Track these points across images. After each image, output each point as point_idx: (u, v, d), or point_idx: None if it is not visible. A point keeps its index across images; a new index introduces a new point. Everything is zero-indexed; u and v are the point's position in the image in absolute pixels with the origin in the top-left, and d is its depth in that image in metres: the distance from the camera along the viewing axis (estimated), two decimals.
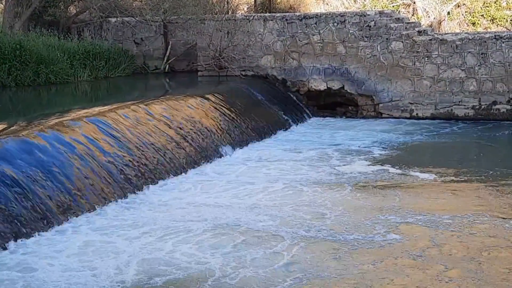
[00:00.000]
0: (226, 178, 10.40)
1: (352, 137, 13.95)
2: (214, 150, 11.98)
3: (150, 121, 11.35)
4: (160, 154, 10.60)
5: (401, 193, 9.33)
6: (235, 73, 16.95)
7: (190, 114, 12.48)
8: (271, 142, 13.57)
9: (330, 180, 10.16)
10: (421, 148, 12.99)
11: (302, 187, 9.66)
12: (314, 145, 13.08)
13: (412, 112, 16.01)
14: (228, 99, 14.19)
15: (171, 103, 12.54)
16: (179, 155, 10.98)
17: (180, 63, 18.91)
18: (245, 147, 12.82)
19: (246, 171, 10.82)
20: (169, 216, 8.34)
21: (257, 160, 11.77)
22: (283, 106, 15.94)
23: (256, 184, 9.88)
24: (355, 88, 16.33)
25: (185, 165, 10.86)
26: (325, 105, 16.85)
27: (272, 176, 10.47)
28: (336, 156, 12.00)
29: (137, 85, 17.05)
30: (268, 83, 16.74)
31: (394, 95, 16.07)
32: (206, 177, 10.46)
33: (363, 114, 16.41)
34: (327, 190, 9.46)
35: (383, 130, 14.70)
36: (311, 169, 10.85)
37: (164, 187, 9.79)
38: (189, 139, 11.63)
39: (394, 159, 11.68)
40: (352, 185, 9.79)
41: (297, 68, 16.71)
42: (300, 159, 11.72)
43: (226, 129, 12.91)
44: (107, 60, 17.50)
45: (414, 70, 15.85)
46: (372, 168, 10.89)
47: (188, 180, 10.30)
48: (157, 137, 10.98)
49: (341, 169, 10.86)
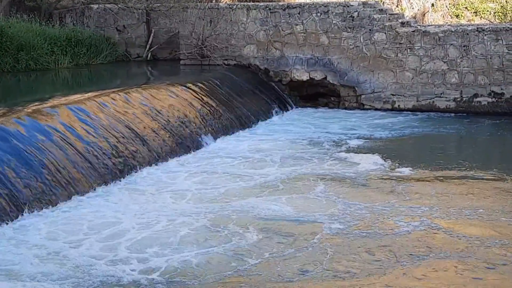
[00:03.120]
0: (197, 169, 10.32)
1: (332, 129, 13.93)
2: (194, 140, 11.91)
3: (129, 110, 11.28)
4: (138, 143, 10.55)
5: (372, 189, 9.24)
6: (217, 62, 16.86)
7: (171, 103, 12.41)
8: (251, 132, 13.51)
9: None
10: (401, 140, 12.94)
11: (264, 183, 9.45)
12: (293, 136, 13.07)
13: (394, 104, 15.99)
14: (210, 89, 14.14)
15: (151, 91, 12.48)
16: (157, 146, 10.93)
17: (163, 51, 18.79)
18: (226, 137, 12.79)
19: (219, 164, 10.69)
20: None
21: (234, 152, 11.66)
22: (266, 96, 15.91)
23: (216, 184, 9.62)
24: (337, 79, 16.29)
25: (164, 155, 10.82)
26: (308, 96, 16.84)
27: (242, 170, 10.31)
28: (312, 150, 11.88)
29: (118, 73, 16.97)
30: (251, 73, 16.66)
31: (376, 87, 16.05)
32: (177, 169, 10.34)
33: (345, 105, 16.35)
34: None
35: (364, 122, 14.70)
36: (280, 167, 10.65)
37: (142, 178, 9.77)
38: (169, 128, 11.55)
39: (371, 152, 11.64)
40: (323, 180, 9.68)
41: (280, 58, 16.65)
42: (276, 152, 11.60)
43: (207, 119, 12.85)
44: (89, 47, 17.33)
45: (397, 62, 15.84)
46: (349, 161, 10.82)
47: (165, 170, 10.28)
48: (136, 126, 10.93)
49: (314, 166, 10.66)
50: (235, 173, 10.10)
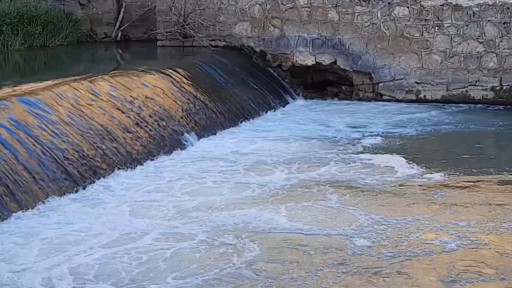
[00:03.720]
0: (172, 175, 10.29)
1: (344, 125, 13.90)
2: (175, 139, 11.87)
3: (95, 102, 11.27)
4: (106, 142, 10.53)
5: (399, 198, 9.22)
6: (202, 43, 16.79)
7: (146, 94, 12.39)
8: (244, 129, 13.50)
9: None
10: (429, 138, 12.94)
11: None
12: (296, 133, 13.08)
13: (419, 94, 16.00)
14: (193, 76, 14.10)
15: (122, 79, 12.46)
16: (129, 145, 10.89)
17: (136, 30, 18.82)
18: (213, 135, 12.80)
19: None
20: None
21: (223, 153, 11.64)
22: (262, 85, 15.91)
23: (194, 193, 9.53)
24: (349, 64, 16.26)
25: (137, 158, 10.78)
26: (314, 84, 16.84)
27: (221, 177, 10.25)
28: (320, 151, 11.84)
29: (81, 57, 16.92)
30: (244, 56, 16.68)
31: (397, 73, 16.03)
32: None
33: (359, 95, 16.37)
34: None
35: (383, 116, 14.76)
36: (282, 172, 10.54)
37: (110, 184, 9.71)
38: (144, 125, 11.51)
39: (392, 153, 11.64)
40: (337, 188, 9.61)
41: (280, 38, 16.62)
42: (274, 156, 11.50)
43: (191, 113, 12.82)
44: (45, 26, 17.33)
45: (422, 42, 15.81)
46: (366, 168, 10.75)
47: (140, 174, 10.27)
48: (103, 122, 10.90)
49: (325, 170, 10.58)
50: (225, 180, 10.02)
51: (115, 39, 18.71)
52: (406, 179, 10.08)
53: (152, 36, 17.98)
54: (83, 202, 8.94)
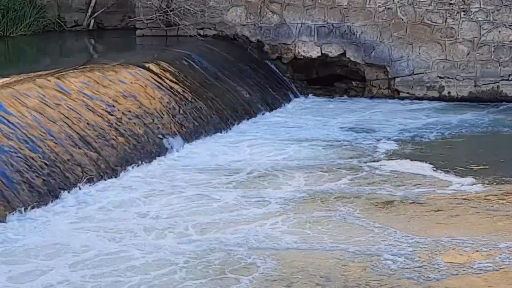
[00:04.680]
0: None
1: (356, 127, 13.93)
2: (157, 143, 11.89)
3: (64, 102, 11.19)
4: (77, 149, 10.44)
5: (429, 212, 9.18)
6: (189, 32, 16.82)
7: (123, 91, 12.33)
8: (238, 133, 13.47)
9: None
10: (456, 142, 13.01)
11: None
12: (299, 137, 13.03)
13: (442, 90, 16.07)
14: (178, 71, 14.06)
15: (95, 75, 12.41)
16: (104, 152, 10.82)
17: (111, 17, 18.97)
18: (202, 139, 12.77)
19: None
20: None
21: (213, 161, 11.56)
22: (258, 80, 15.90)
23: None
24: (361, 55, 16.31)
25: (112, 166, 10.71)
26: (319, 80, 16.92)
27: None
28: (331, 159, 11.73)
29: (48, 49, 17.09)
30: (237, 47, 16.73)
31: (416, 66, 16.09)
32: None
33: (372, 92, 16.43)
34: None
35: (402, 116, 14.80)
36: (285, 184, 10.39)
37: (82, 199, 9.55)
38: (120, 128, 11.46)
39: (415, 159, 11.60)
40: (354, 200, 9.55)
41: (279, 26, 16.63)
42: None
43: (175, 114, 12.81)
44: (5, 13, 17.35)
45: (446, 30, 15.89)
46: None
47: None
48: (74, 124, 10.82)
49: (338, 181, 10.46)
50: (216, 195, 9.82)
51: (87, 27, 18.78)
52: (434, 190, 10.08)
53: (130, 24, 18.11)
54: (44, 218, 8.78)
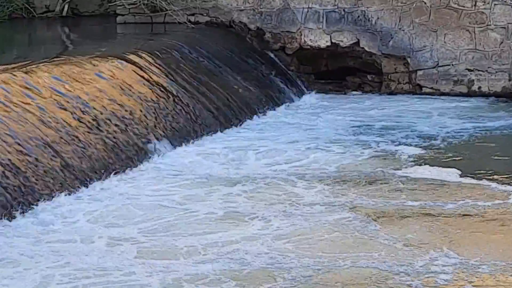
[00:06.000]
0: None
1: (374, 128, 14.00)
2: (140, 147, 11.87)
3: (32, 100, 11.17)
4: (48, 156, 10.40)
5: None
6: (178, 18, 16.95)
7: (102, 88, 12.32)
8: (236, 135, 13.52)
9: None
10: (491, 146, 13.00)
11: None
12: (310, 139, 13.10)
13: (472, 85, 16.18)
14: (165, 64, 14.10)
15: (70, 69, 12.42)
16: (79, 159, 10.80)
17: (88, 2, 19.13)
18: (192, 143, 12.74)
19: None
20: None
21: (207, 168, 11.52)
22: (258, 74, 15.93)
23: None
24: (377, 45, 16.42)
25: (88, 176, 10.68)
26: (329, 73, 17.05)
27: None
28: (346, 166, 11.72)
29: (14, 39, 17.07)
30: (234, 36, 16.89)
31: (441, 57, 16.18)
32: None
33: (390, 87, 16.54)
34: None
35: (427, 115, 14.89)
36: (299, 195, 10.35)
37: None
38: (97, 130, 11.46)
39: (447, 165, 11.63)
40: (382, 216, 9.54)
41: (282, 11, 16.72)
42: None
43: (161, 113, 12.81)
44: None
45: (475, 16, 15.97)
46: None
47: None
48: (43, 126, 10.80)
49: (363, 192, 10.44)
50: (214, 210, 9.71)
51: (60, 14, 18.88)
52: (475, 202, 10.02)
53: (110, 10, 18.24)
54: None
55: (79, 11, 19.04)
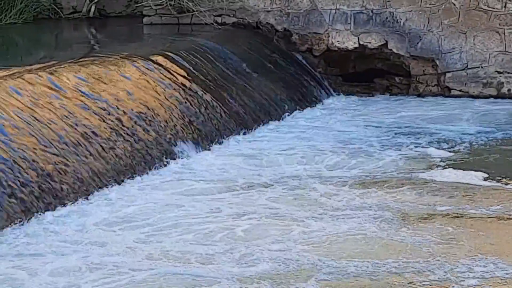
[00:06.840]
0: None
1: (404, 132, 13.97)
2: (163, 150, 11.87)
3: (57, 100, 11.19)
4: (74, 157, 10.41)
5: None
6: (205, 19, 16.98)
7: (128, 89, 12.37)
8: (261, 137, 13.49)
9: None
10: None
11: None
12: (338, 143, 13.09)
13: (501, 87, 16.18)
14: (191, 65, 14.12)
15: (95, 70, 12.46)
16: (105, 160, 10.84)
17: (115, 3, 19.18)
18: (218, 146, 12.77)
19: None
20: None
21: (233, 172, 11.45)
22: (285, 76, 15.97)
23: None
24: (406, 47, 16.41)
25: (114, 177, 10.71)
26: (356, 75, 17.12)
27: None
28: (378, 170, 11.71)
29: (41, 39, 17.20)
30: (261, 37, 16.87)
31: (471, 59, 16.18)
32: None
33: (419, 89, 16.52)
34: None
35: (455, 118, 14.88)
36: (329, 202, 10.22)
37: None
38: (123, 132, 11.47)
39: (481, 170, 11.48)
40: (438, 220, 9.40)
41: (309, 12, 16.74)
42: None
43: (187, 115, 12.82)
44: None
45: (506, 17, 15.97)
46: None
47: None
48: (68, 128, 10.81)
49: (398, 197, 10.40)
50: (243, 217, 9.54)
51: (86, 15, 18.91)
52: (504, 205, 9.99)
53: (137, 10, 18.30)
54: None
55: (106, 12, 19.12)
